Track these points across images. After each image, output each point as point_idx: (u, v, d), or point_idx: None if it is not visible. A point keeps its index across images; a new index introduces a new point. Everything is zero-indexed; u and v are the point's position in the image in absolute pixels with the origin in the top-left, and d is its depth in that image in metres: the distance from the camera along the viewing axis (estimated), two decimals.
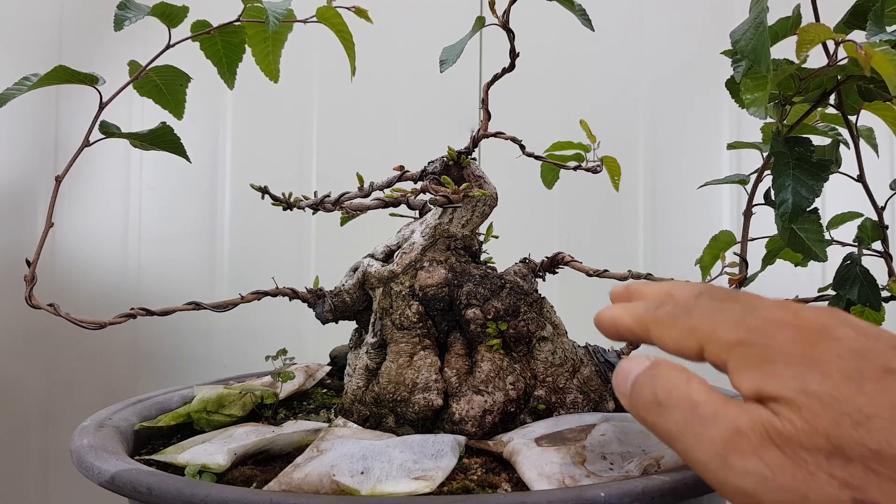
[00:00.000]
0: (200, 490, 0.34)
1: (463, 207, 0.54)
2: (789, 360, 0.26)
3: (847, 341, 0.26)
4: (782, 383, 0.26)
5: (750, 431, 0.25)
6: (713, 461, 0.26)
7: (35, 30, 1.03)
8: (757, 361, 0.27)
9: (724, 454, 0.26)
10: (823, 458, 0.24)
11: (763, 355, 0.27)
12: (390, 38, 1.02)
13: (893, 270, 0.56)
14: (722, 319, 0.29)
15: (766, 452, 0.25)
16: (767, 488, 0.25)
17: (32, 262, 0.45)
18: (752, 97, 0.44)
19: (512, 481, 0.41)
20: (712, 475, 0.27)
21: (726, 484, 0.26)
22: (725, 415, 0.26)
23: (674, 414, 0.28)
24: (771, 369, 0.26)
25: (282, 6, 0.49)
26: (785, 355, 0.26)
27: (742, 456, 0.25)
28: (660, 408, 0.29)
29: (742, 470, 0.25)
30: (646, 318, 0.33)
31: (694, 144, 1.04)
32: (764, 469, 0.25)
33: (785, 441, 0.25)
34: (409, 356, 0.51)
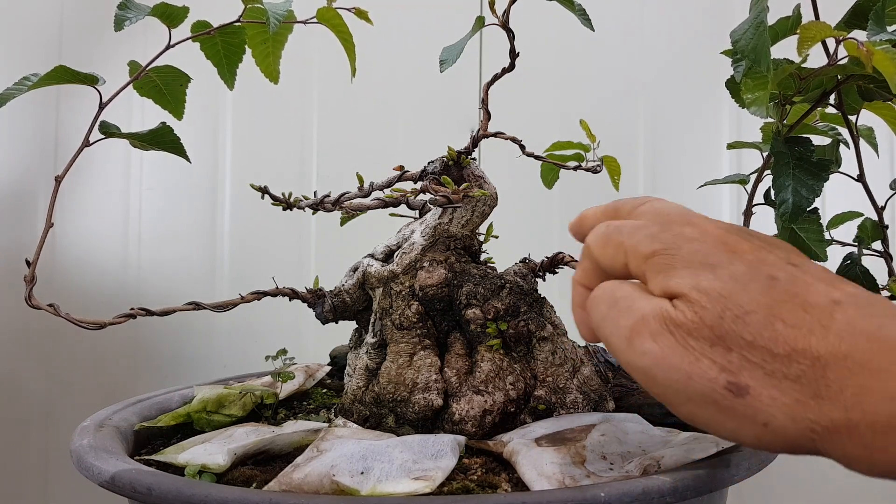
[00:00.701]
0: (200, 490, 0.34)
1: (463, 207, 0.54)
2: (689, 265, 0.30)
3: (743, 253, 0.30)
4: (681, 282, 0.30)
5: (651, 319, 0.30)
6: (621, 343, 0.31)
7: (35, 30, 1.03)
8: (665, 267, 0.31)
9: (630, 337, 0.30)
10: (707, 345, 0.28)
11: (670, 262, 0.31)
12: (390, 39, 1.02)
13: (893, 270, 0.56)
14: (641, 235, 0.33)
15: (661, 337, 0.29)
16: (659, 367, 0.29)
17: (32, 262, 0.45)
18: (753, 97, 0.44)
19: (512, 481, 0.41)
20: (622, 356, 0.31)
21: (629, 363, 0.31)
22: (637, 306, 0.31)
23: (600, 307, 0.33)
24: (674, 272, 0.30)
25: (282, 7, 0.49)
26: (687, 262, 0.30)
27: (642, 339, 0.30)
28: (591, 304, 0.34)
29: (641, 350, 0.30)
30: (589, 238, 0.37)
31: (694, 144, 1.04)
32: (658, 350, 0.29)
33: (677, 328, 0.29)
34: (409, 356, 0.51)
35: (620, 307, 0.32)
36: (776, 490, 0.97)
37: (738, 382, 0.27)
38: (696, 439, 0.42)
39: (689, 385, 0.28)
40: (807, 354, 0.26)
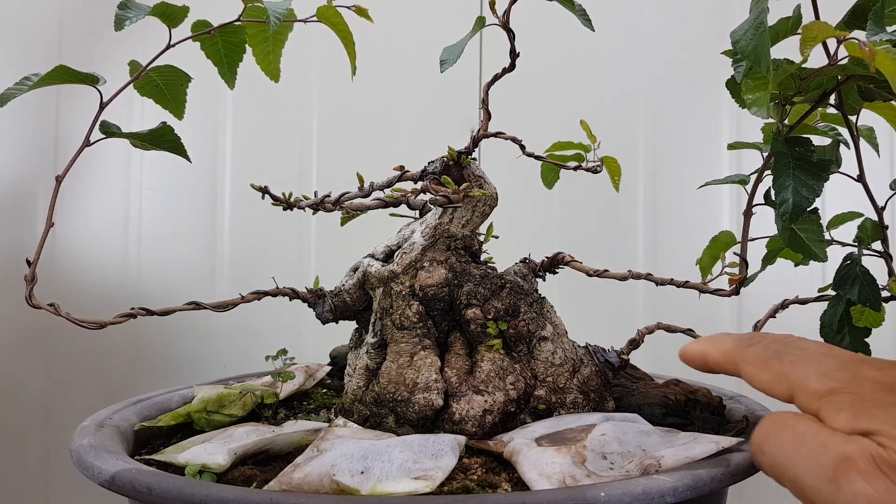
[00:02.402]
0: (200, 490, 0.34)
1: (463, 207, 0.54)
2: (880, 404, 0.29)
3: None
4: (878, 420, 0.29)
5: (859, 458, 0.28)
6: (824, 484, 0.29)
7: (35, 30, 1.03)
8: (850, 405, 0.30)
9: (835, 478, 0.28)
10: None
11: (856, 401, 0.30)
12: (390, 38, 1.02)
13: (893, 270, 0.56)
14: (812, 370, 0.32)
15: (874, 477, 0.28)
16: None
17: (32, 262, 0.44)
18: (754, 97, 0.44)
19: (512, 481, 0.41)
20: (823, 496, 0.29)
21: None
22: (834, 443, 0.29)
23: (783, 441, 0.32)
24: (865, 410, 0.29)
25: (282, 6, 0.49)
26: (875, 401, 0.30)
27: (851, 480, 0.28)
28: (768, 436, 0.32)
29: (852, 492, 0.28)
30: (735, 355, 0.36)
31: (694, 144, 1.04)
32: (872, 492, 0.27)
33: (891, 468, 0.27)
34: (410, 356, 0.51)
35: (811, 444, 0.30)
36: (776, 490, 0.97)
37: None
38: (695, 439, 0.42)
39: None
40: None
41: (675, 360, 0.41)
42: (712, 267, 0.63)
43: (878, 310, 0.53)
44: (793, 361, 0.33)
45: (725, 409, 0.54)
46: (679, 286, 0.56)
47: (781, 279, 0.75)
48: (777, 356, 0.34)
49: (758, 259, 0.61)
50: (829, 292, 0.56)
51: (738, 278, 0.54)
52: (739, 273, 0.54)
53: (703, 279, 0.63)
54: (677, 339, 0.58)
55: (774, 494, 0.31)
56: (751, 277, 0.57)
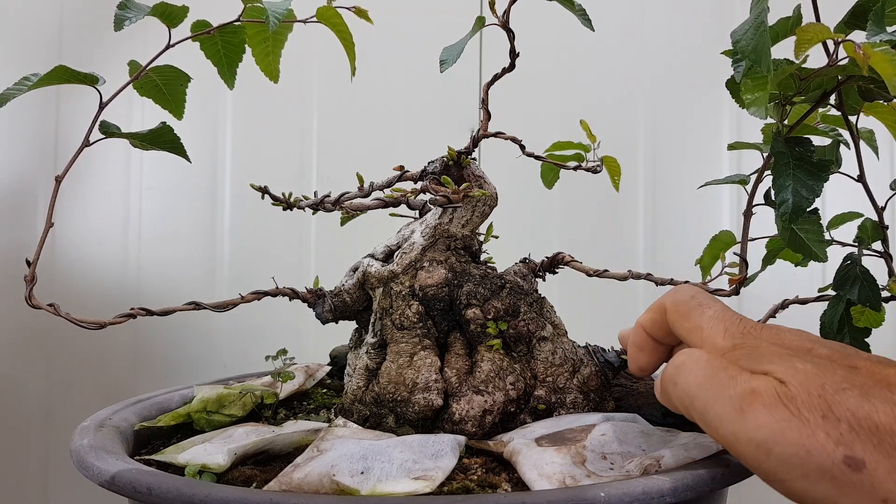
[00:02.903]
0: (200, 490, 0.34)
1: (463, 207, 0.54)
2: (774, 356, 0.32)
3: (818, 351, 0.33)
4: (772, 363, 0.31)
5: (763, 392, 0.30)
6: (730, 414, 0.31)
7: (35, 30, 1.03)
8: (749, 358, 0.32)
9: (742, 408, 0.30)
10: (820, 417, 0.28)
11: (753, 354, 0.33)
12: (390, 38, 1.02)
13: (893, 271, 0.56)
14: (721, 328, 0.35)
15: (776, 409, 0.29)
16: (776, 440, 0.29)
17: (32, 262, 0.44)
18: (753, 97, 0.44)
19: (512, 481, 0.41)
20: (728, 427, 0.31)
21: (741, 436, 0.30)
22: (742, 378, 0.31)
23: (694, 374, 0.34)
24: (761, 362, 0.32)
25: (282, 6, 0.49)
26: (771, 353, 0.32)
27: (755, 411, 0.30)
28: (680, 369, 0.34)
29: (755, 423, 0.30)
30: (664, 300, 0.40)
31: (694, 144, 1.04)
32: (774, 423, 0.29)
33: (790, 400, 0.29)
34: (410, 356, 0.51)
35: (722, 377, 0.32)
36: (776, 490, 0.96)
37: (854, 456, 0.27)
38: (695, 439, 0.42)
39: (808, 460, 0.28)
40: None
41: None
42: (712, 267, 0.63)
43: (878, 310, 0.53)
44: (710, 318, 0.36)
45: None
46: None
47: (781, 279, 0.75)
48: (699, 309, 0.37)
49: (758, 259, 0.61)
50: (829, 292, 0.56)
51: (738, 278, 0.54)
52: (739, 273, 0.54)
53: (703, 279, 0.63)
54: None
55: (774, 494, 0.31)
56: (751, 277, 0.57)
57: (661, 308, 0.39)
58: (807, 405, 0.29)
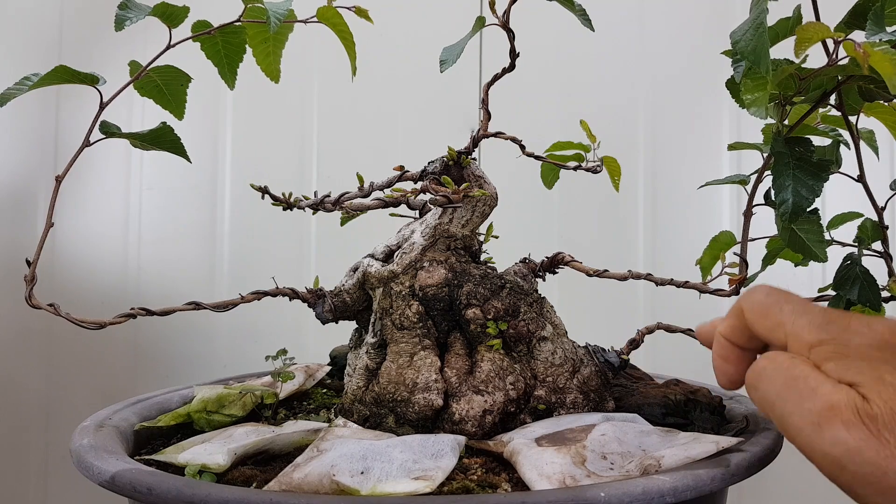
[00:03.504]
0: (200, 490, 0.34)
1: (463, 207, 0.54)
2: (864, 356, 0.31)
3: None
4: (860, 373, 0.30)
5: (843, 407, 0.29)
6: (808, 427, 0.30)
7: (35, 30, 1.03)
8: (836, 356, 0.31)
9: (819, 423, 0.30)
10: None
11: (841, 352, 0.31)
12: (390, 38, 1.02)
13: (893, 271, 0.56)
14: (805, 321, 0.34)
15: (855, 428, 0.29)
16: (853, 459, 0.29)
17: (32, 262, 0.44)
18: (753, 97, 0.44)
19: (512, 481, 0.41)
20: (805, 439, 0.31)
21: (817, 449, 0.30)
22: (822, 391, 0.31)
23: (774, 381, 0.33)
24: (849, 363, 0.31)
25: (282, 6, 0.49)
26: (859, 353, 0.31)
27: (834, 427, 0.29)
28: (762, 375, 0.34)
29: (833, 439, 0.29)
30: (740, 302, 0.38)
31: (694, 145, 1.04)
32: (852, 442, 0.29)
33: (871, 420, 0.29)
34: (410, 356, 0.51)
35: (801, 388, 0.31)
36: (776, 490, 0.97)
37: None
38: (695, 439, 0.42)
39: (884, 480, 0.28)
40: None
41: (675, 360, 0.41)
42: (712, 267, 0.63)
43: (878, 310, 0.53)
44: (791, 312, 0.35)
45: (725, 409, 0.54)
46: (679, 286, 0.56)
47: (781, 279, 0.75)
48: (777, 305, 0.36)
49: (758, 259, 0.61)
50: (829, 292, 0.56)
51: (738, 278, 0.54)
52: (739, 273, 0.54)
53: (703, 279, 0.63)
54: (677, 339, 0.58)
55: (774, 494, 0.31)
56: (751, 277, 0.57)
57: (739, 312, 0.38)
58: (889, 425, 0.28)
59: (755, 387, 0.34)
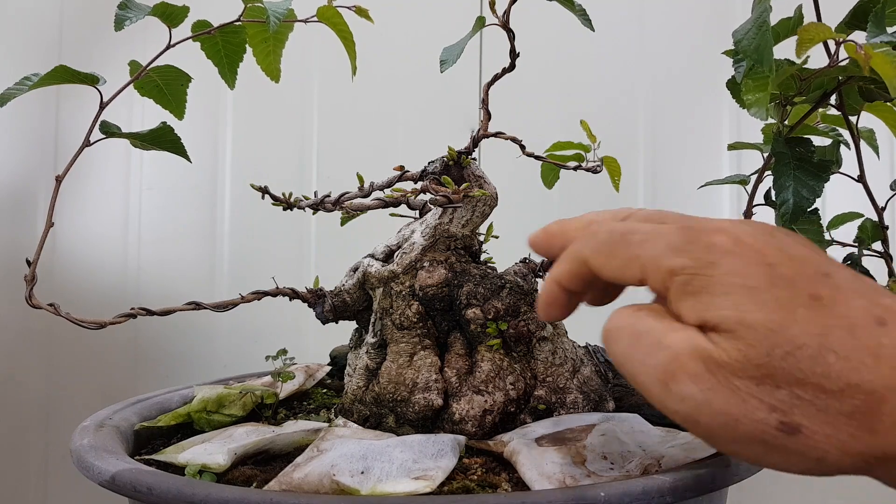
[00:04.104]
0: (200, 490, 0.34)
1: (463, 207, 0.54)
2: (728, 289, 0.27)
3: (780, 267, 0.28)
4: (721, 313, 0.27)
5: (688, 359, 0.27)
6: (654, 385, 0.28)
7: (35, 30, 1.03)
8: (698, 290, 0.28)
9: (664, 380, 0.28)
10: (754, 384, 0.26)
11: (703, 284, 0.28)
12: (390, 38, 1.02)
13: (893, 271, 0.56)
14: (661, 245, 0.30)
15: (702, 379, 0.27)
16: (703, 412, 0.27)
17: (32, 262, 0.44)
18: (754, 98, 0.44)
19: (512, 481, 0.41)
20: (655, 398, 0.29)
21: (666, 407, 0.28)
22: (667, 342, 0.28)
23: (620, 342, 0.30)
24: (710, 299, 0.28)
25: (282, 6, 0.49)
26: (725, 285, 0.27)
27: (679, 382, 0.27)
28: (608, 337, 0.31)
29: (679, 395, 0.27)
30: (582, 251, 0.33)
31: (694, 144, 1.04)
32: (699, 394, 0.27)
33: (719, 368, 0.26)
34: (410, 356, 0.51)
35: (645, 343, 0.29)
36: (776, 490, 0.97)
37: (790, 422, 0.26)
38: (696, 439, 0.42)
39: (738, 428, 0.26)
40: (861, 389, 0.25)
41: None
42: None
43: None
44: (642, 240, 0.30)
45: None
46: None
47: None
48: (623, 237, 0.31)
49: None
50: None
51: None
52: None
53: None
54: None
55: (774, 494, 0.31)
56: None
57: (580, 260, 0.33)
58: (738, 372, 0.26)
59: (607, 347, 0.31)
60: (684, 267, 0.28)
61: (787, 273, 0.27)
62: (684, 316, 0.28)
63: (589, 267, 0.33)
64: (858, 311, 0.26)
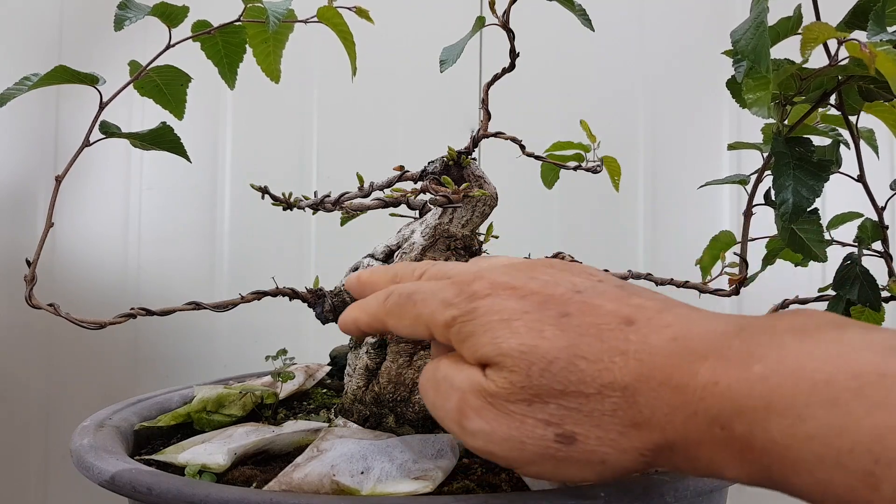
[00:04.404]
0: (200, 490, 0.34)
1: (463, 207, 0.54)
2: (487, 327, 0.29)
3: (533, 297, 0.29)
4: (485, 350, 0.29)
5: (471, 396, 0.29)
6: (454, 426, 0.30)
7: (35, 30, 1.03)
8: (467, 334, 0.30)
9: (459, 420, 0.29)
10: (525, 405, 0.27)
11: (470, 329, 0.29)
12: (390, 38, 1.02)
13: (893, 271, 0.56)
14: (436, 302, 0.31)
15: (484, 411, 0.28)
16: (492, 442, 0.28)
17: (32, 262, 0.44)
18: (754, 97, 0.44)
19: (512, 481, 0.41)
20: (459, 438, 0.30)
21: (468, 444, 0.29)
22: (456, 384, 0.30)
23: (428, 393, 0.32)
24: (476, 339, 0.29)
25: (282, 6, 0.49)
26: (484, 324, 0.29)
27: (468, 419, 0.29)
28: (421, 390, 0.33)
29: (471, 430, 0.29)
30: (379, 313, 0.34)
31: (694, 144, 1.04)
32: (486, 426, 0.28)
33: (494, 398, 0.28)
34: (409, 356, 0.51)
35: (442, 389, 0.31)
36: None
37: (564, 433, 0.27)
38: None
39: (525, 449, 0.28)
40: (615, 386, 0.26)
41: None
42: (712, 267, 0.63)
43: (878, 310, 0.53)
44: (423, 299, 0.32)
45: None
46: (679, 286, 0.56)
47: (781, 279, 0.75)
48: (410, 298, 0.33)
49: (758, 259, 0.61)
50: (829, 292, 0.56)
51: (738, 278, 0.54)
52: (739, 273, 0.55)
53: (703, 279, 0.63)
54: None
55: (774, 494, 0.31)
56: (751, 277, 0.57)
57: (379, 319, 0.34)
58: (510, 397, 0.28)
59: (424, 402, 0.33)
60: (455, 318, 0.30)
61: (540, 299, 0.29)
62: (466, 360, 0.30)
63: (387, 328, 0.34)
64: (607, 317, 0.28)
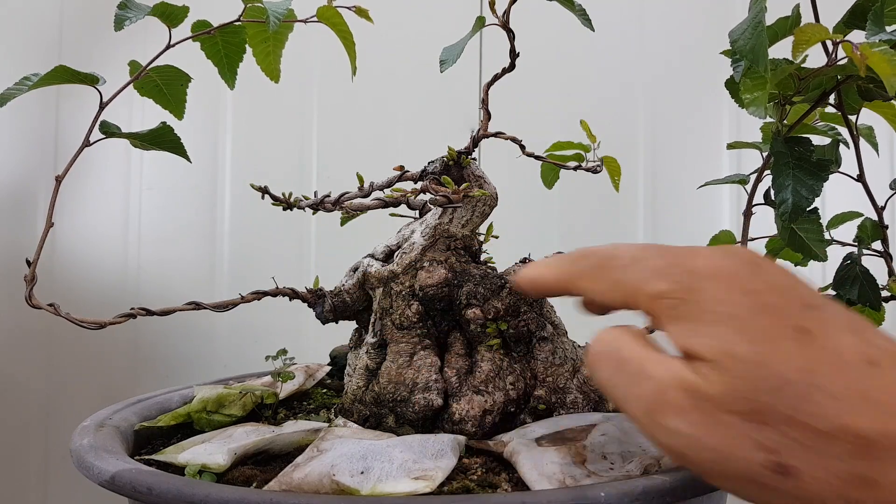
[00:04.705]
0: (200, 490, 0.34)
1: (463, 207, 0.54)
2: (713, 319, 0.26)
3: (764, 296, 0.27)
4: (707, 343, 0.26)
5: (675, 391, 0.26)
6: (642, 417, 0.27)
7: (35, 30, 1.03)
8: (683, 316, 0.27)
9: (652, 412, 0.27)
10: (740, 419, 0.25)
11: (689, 311, 0.27)
12: (390, 38, 1.02)
13: (893, 270, 0.56)
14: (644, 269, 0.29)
15: (690, 414, 0.26)
16: (692, 448, 0.26)
17: (32, 262, 0.44)
18: (752, 97, 0.44)
19: (512, 481, 0.41)
20: (643, 429, 0.27)
21: (656, 438, 0.27)
22: (651, 372, 0.27)
23: (603, 367, 0.29)
24: (695, 327, 0.27)
25: (282, 6, 0.49)
26: (710, 314, 0.26)
27: (667, 416, 0.26)
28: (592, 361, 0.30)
29: (667, 429, 0.26)
30: (570, 273, 0.33)
31: (694, 144, 1.04)
32: (688, 429, 0.26)
33: (705, 402, 0.25)
34: (409, 356, 0.51)
35: (630, 372, 0.28)
36: None
37: (781, 463, 0.24)
38: None
39: (727, 465, 0.25)
40: (850, 431, 0.24)
41: None
42: None
43: (878, 310, 0.53)
44: (625, 265, 0.30)
45: None
46: None
47: None
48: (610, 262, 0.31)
49: None
50: (829, 292, 0.56)
51: None
52: None
53: None
54: None
55: None
56: None
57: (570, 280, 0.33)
58: (727, 406, 0.25)
59: (591, 371, 0.30)
60: (667, 291, 0.28)
61: (771, 302, 0.26)
62: (672, 339, 0.28)
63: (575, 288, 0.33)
64: (848, 349, 0.25)
